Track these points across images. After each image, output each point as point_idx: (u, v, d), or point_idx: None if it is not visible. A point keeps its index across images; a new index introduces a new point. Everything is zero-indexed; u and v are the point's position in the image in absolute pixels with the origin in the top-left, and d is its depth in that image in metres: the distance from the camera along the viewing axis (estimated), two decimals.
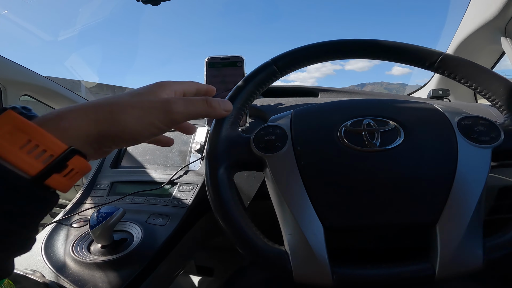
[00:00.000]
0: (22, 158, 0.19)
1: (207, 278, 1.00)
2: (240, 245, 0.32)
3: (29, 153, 0.19)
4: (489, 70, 0.35)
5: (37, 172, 0.20)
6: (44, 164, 0.20)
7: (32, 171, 0.20)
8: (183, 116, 0.27)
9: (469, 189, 0.30)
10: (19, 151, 0.19)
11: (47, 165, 0.20)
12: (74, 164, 0.21)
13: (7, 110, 0.20)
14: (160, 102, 0.26)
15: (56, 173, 0.21)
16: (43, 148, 0.20)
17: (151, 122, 0.25)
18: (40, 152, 0.20)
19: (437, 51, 0.36)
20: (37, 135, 0.20)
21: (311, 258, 0.30)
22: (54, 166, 0.20)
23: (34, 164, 0.20)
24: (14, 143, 0.19)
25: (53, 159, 0.20)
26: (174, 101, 0.26)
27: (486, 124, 0.33)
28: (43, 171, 0.20)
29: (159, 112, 0.25)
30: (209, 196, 0.34)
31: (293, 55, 0.38)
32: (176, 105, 0.26)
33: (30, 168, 0.19)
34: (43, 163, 0.20)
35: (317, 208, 0.31)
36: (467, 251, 0.29)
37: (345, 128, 0.34)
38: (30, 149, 0.20)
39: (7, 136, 0.19)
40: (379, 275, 0.30)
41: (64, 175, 0.21)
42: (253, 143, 0.35)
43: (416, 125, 0.34)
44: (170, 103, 0.26)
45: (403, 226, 0.32)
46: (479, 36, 0.80)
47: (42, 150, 0.20)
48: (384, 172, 0.32)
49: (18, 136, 0.19)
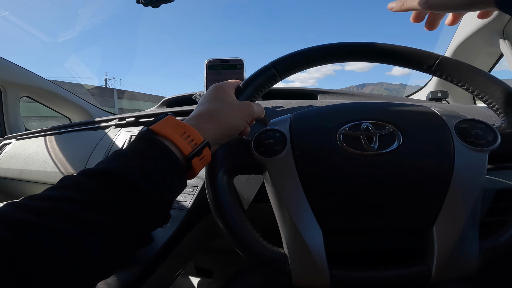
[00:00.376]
0: (181, 142, 0.28)
1: (206, 279, 1.00)
2: (239, 248, 0.33)
3: (185, 140, 0.29)
4: (486, 73, 0.35)
5: (189, 153, 0.29)
6: (192, 148, 0.29)
7: (186, 152, 0.29)
8: (257, 114, 0.37)
9: (465, 192, 0.30)
10: (179, 137, 0.29)
11: (194, 149, 0.29)
12: (206, 153, 0.31)
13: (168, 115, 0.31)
14: (245, 104, 0.36)
15: (197, 157, 0.29)
16: (192, 138, 0.29)
17: (244, 119, 0.35)
18: (190, 140, 0.29)
19: (435, 54, 0.36)
20: (189, 129, 0.29)
21: (310, 261, 0.31)
22: (197, 151, 0.29)
23: (187, 147, 0.29)
24: (176, 132, 0.29)
25: (196, 146, 0.29)
26: (251, 104, 0.37)
27: (483, 128, 0.33)
28: (192, 152, 0.29)
29: (246, 111, 0.35)
30: (209, 199, 0.34)
31: (292, 59, 0.38)
32: (253, 106, 0.37)
33: (185, 149, 0.28)
34: (191, 147, 0.29)
35: (315, 211, 0.32)
36: (463, 253, 0.30)
37: (344, 132, 0.34)
38: (185, 137, 0.29)
39: (172, 128, 0.29)
40: (376, 277, 0.30)
41: (200, 159, 0.30)
42: (253, 147, 0.35)
43: (414, 129, 0.34)
44: (250, 104, 0.36)
45: (401, 229, 0.32)
46: (477, 38, 0.80)
47: (191, 139, 0.29)
48: (382, 175, 0.32)
49: (178, 129, 0.29)
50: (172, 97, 1.01)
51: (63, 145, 0.86)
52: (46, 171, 0.81)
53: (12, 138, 1.07)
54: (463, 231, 0.30)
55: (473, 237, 0.30)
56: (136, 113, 0.80)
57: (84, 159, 0.75)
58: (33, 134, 1.00)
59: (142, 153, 0.27)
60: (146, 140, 0.28)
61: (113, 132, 0.76)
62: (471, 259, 0.29)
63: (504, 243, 0.30)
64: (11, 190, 0.97)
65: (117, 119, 0.81)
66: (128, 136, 0.70)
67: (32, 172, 0.86)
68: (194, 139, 0.29)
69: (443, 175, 0.31)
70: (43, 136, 0.93)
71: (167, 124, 0.29)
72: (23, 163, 0.90)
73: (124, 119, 0.77)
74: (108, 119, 0.84)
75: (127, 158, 0.26)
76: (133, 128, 0.74)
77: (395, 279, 0.30)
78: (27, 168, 0.87)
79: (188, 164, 0.29)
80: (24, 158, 0.91)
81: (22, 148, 0.96)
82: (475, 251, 0.30)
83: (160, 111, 0.75)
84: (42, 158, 0.85)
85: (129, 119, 0.76)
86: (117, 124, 0.79)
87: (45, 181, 0.83)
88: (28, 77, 1.33)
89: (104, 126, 0.82)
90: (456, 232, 0.30)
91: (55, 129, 0.95)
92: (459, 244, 0.29)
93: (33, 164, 0.87)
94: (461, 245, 0.30)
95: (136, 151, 0.27)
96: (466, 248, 0.30)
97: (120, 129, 0.76)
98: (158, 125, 0.29)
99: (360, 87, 5.42)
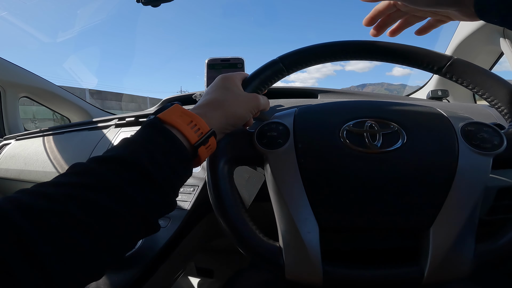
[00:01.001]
0: (188, 131, 0.29)
1: (207, 279, 1.00)
2: (235, 238, 0.33)
3: (192, 128, 0.29)
4: (497, 77, 0.35)
5: (196, 141, 0.29)
6: (198, 137, 0.29)
7: (192, 140, 0.29)
8: (263, 106, 0.38)
9: (466, 195, 0.30)
10: (186, 126, 0.29)
11: (200, 138, 0.29)
12: (211, 142, 0.31)
13: (175, 104, 0.31)
14: (252, 95, 0.36)
15: (203, 145, 0.30)
16: (198, 127, 0.30)
17: (250, 110, 0.35)
18: (197, 129, 0.29)
19: (447, 55, 0.36)
20: (195, 118, 0.30)
21: (304, 256, 0.31)
22: (203, 140, 0.30)
23: (194, 136, 0.29)
24: (183, 121, 0.29)
25: (203, 135, 0.30)
26: (258, 96, 0.37)
27: (490, 131, 0.32)
28: (198, 141, 0.29)
29: (252, 102, 0.36)
30: (208, 187, 0.34)
31: (301, 54, 0.38)
32: (260, 98, 0.37)
33: (192, 138, 0.29)
34: (197, 136, 0.29)
35: (314, 206, 0.32)
36: (458, 257, 0.29)
37: (347, 129, 0.34)
38: (192, 126, 0.29)
39: (179, 117, 0.29)
40: (368, 276, 0.30)
41: (206, 147, 0.30)
42: (255, 138, 0.35)
43: (419, 129, 0.33)
44: (257, 96, 0.37)
45: (397, 229, 0.32)
46: (477, 36, 0.80)
47: (197, 128, 0.30)
48: (383, 174, 0.32)
49: (185, 118, 0.30)
50: (172, 97, 1.01)
51: (62, 145, 0.86)
52: (46, 171, 0.81)
53: (11, 138, 1.07)
54: (459, 234, 0.29)
55: (470, 241, 0.30)
56: (136, 112, 0.79)
57: (84, 159, 0.74)
58: (32, 135, 0.99)
59: (151, 140, 0.27)
60: (154, 128, 0.28)
61: (113, 132, 0.76)
62: (465, 263, 0.29)
63: (500, 247, 0.30)
64: (10, 190, 0.97)
65: (117, 119, 0.80)
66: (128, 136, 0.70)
67: (31, 173, 0.86)
68: (200, 128, 0.30)
69: (445, 177, 0.31)
70: (42, 137, 0.93)
71: (174, 112, 0.30)
72: (23, 163, 0.89)
73: (124, 119, 0.77)
74: (108, 119, 0.84)
75: (137, 145, 0.26)
76: (133, 128, 0.74)
77: (387, 279, 0.30)
78: (27, 169, 0.87)
79: (194, 152, 0.29)
80: (23, 158, 0.91)
81: (21, 148, 0.95)
82: (470, 255, 0.29)
83: None
84: (42, 158, 0.85)
85: (129, 119, 0.75)
86: (117, 124, 0.78)
87: (44, 181, 0.82)
88: (27, 77, 1.33)
89: (104, 126, 0.82)
90: (452, 235, 0.29)
91: (54, 129, 0.94)
92: (454, 247, 0.29)
93: (32, 164, 0.86)
94: (457, 248, 0.29)
95: (145, 138, 0.27)
96: (461, 251, 0.29)
97: (120, 129, 0.76)
98: (165, 113, 0.29)
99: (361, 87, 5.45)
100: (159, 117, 0.29)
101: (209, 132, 0.30)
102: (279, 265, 0.31)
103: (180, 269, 0.63)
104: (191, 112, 0.30)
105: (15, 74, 1.29)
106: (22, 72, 1.31)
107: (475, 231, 0.30)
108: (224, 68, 0.51)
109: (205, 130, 0.30)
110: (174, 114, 0.29)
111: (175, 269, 0.58)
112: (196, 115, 0.30)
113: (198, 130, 0.29)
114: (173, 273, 0.59)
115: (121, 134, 0.73)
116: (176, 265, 0.56)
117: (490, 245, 0.30)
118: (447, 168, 0.31)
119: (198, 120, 0.30)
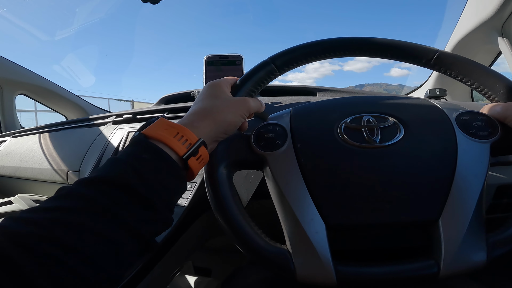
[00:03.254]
0: (175, 143, 0.28)
1: (205, 278, 0.99)
2: (240, 244, 0.32)
3: (178, 141, 0.28)
4: (485, 67, 0.35)
5: (184, 153, 0.28)
6: (186, 149, 0.28)
7: (181, 152, 0.28)
8: (254, 109, 0.36)
9: (470, 184, 0.30)
10: (173, 139, 0.28)
11: (188, 149, 0.29)
12: (202, 152, 0.30)
13: (159, 117, 0.30)
14: (241, 99, 0.35)
15: (193, 157, 0.29)
16: (186, 138, 0.29)
17: (241, 114, 0.34)
18: (184, 140, 0.29)
19: (434, 49, 0.36)
20: (182, 130, 0.29)
21: (314, 257, 0.30)
22: (192, 151, 0.29)
23: (182, 148, 0.28)
24: (169, 134, 0.28)
25: (191, 146, 0.29)
26: (247, 99, 0.35)
27: (484, 119, 0.33)
28: (187, 152, 0.28)
29: (242, 106, 0.34)
30: (209, 194, 0.34)
31: (291, 54, 0.38)
32: (250, 101, 0.35)
33: (180, 150, 0.28)
34: (186, 148, 0.28)
35: (318, 205, 0.31)
36: (471, 247, 0.29)
37: (345, 125, 0.34)
38: (179, 138, 0.28)
39: (164, 130, 0.28)
40: (383, 273, 0.29)
41: (196, 159, 0.29)
42: (253, 141, 0.35)
43: (416, 121, 0.34)
44: (246, 100, 0.35)
45: (405, 223, 0.31)
46: (475, 36, 0.80)
47: (185, 139, 0.29)
48: (385, 168, 0.31)
49: (171, 131, 0.29)
50: (170, 95, 1.00)
51: (58, 142, 0.85)
52: (42, 168, 0.80)
53: (8, 135, 1.06)
54: (469, 224, 0.29)
55: (480, 230, 0.29)
56: (133, 109, 0.79)
57: (80, 156, 0.74)
58: (28, 132, 0.98)
59: (137, 158, 0.26)
60: (140, 145, 0.27)
61: (110, 129, 0.76)
62: (478, 253, 0.29)
63: (510, 236, 0.30)
64: (6, 187, 0.96)
65: (114, 115, 0.80)
66: (126, 133, 0.69)
67: (27, 170, 0.85)
68: (188, 139, 0.29)
69: (447, 166, 0.31)
70: (38, 134, 0.92)
71: (159, 126, 0.29)
72: (19, 160, 0.89)
73: (121, 115, 0.77)
74: (104, 116, 0.84)
75: (123, 164, 0.26)
76: (130, 124, 0.73)
77: (403, 274, 0.29)
78: (23, 166, 0.86)
79: (185, 165, 0.29)
80: (19, 155, 0.90)
81: (17, 145, 0.95)
82: (482, 244, 0.29)
83: (158, 107, 0.75)
84: (38, 155, 0.84)
85: (126, 115, 0.75)
86: (114, 121, 0.78)
87: (40, 178, 0.82)
88: (24, 74, 1.32)
89: (101, 123, 0.81)
90: (462, 225, 0.29)
91: (50, 127, 0.94)
92: (465, 237, 0.29)
93: (28, 161, 0.85)
94: (468, 238, 0.29)
95: (131, 156, 0.27)
96: (473, 241, 0.29)
97: (117, 125, 0.75)
98: (150, 128, 0.29)
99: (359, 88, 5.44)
100: (143, 133, 0.28)
101: (198, 142, 0.29)
102: (290, 269, 0.30)
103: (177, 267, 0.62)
104: (176, 124, 0.29)
105: (12, 71, 1.28)
106: (19, 70, 1.30)
107: (484, 221, 0.30)
108: (223, 65, 0.51)
109: (193, 141, 0.29)
110: (159, 128, 0.29)
111: (171, 267, 0.57)
112: (183, 126, 0.29)
113: (186, 141, 0.29)
114: (169, 271, 0.58)
115: (119, 131, 0.72)
116: (172, 263, 0.55)
117: (501, 234, 0.30)
118: (447, 158, 0.31)
119: (185, 131, 0.29)
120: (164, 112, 0.70)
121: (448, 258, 0.29)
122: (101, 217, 0.22)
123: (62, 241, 0.20)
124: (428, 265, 0.29)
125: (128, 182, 0.24)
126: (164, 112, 0.70)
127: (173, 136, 0.28)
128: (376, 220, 0.31)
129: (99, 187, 0.24)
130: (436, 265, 0.29)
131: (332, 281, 0.29)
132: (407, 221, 0.31)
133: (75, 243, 0.21)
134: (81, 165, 0.73)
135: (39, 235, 0.20)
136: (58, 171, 0.77)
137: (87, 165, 0.71)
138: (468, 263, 0.29)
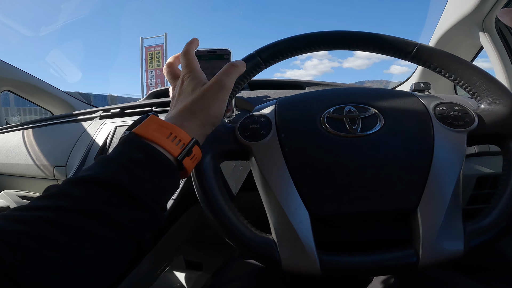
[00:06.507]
0: (169, 144, 0.27)
1: (195, 273, 1.00)
2: (226, 234, 0.32)
3: (172, 141, 0.28)
4: (462, 60, 0.36)
5: (178, 154, 0.28)
6: (180, 149, 0.28)
7: (175, 153, 0.28)
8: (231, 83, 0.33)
9: (446, 172, 0.31)
10: (166, 140, 0.27)
11: (182, 150, 0.28)
12: (196, 151, 0.30)
13: (151, 115, 0.29)
14: (215, 84, 0.32)
15: (187, 156, 0.28)
16: (179, 138, 0.28)
17: (223, 100, 0.32)
18: (177, 141, 0.28)
19: (413, 42, 0.37)
20: (175, 130, 0.28)
21: (298, 246, 0.31)
22: (187, 151, 0.28)
23: (176, 149, 0.28)
24: (162, 134, 0.27)
25: (185, 146, 0.28)
26: (220, 79, 0.33)
27: (461, 110, 0.34)
28: (181, 153, 0.28)
29: (220, 91, 0.32)
30: (195, 185, 0.34)
31: (277, 47, 0.38)
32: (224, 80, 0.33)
33: (174, 151, 0.28)
34: (179, 148, 0.28)
35: (302, 194, 0.32)
36: (448, 235, 0.30)
37: (328, 115, 0.35)
38: (172, 139, 0.28)
39: (157, 130, 0.28)
40: (364, 262, 0.30)
41: (190, 158, 0.29)
42: (238, 132, 0.35)
43: (395, 111, 0.35)
44: (220, 81, 0.32)
45: (385, 212, 0.32)
46: (458, 30, 0.82)
47: (178, 140, 0.28)
48: (364, 157, 0.32)
49: (163, 131, 0.28)
50: (159, 89, 1.00)
51: (45, 138, 0.84)
52: (28, 164, 0.79)
53: None
54: (446, 212, 0.30)
55: (457, 219, 0.30)
56: (121, 104, 0.78)
57: (67, 152, 0.73)
58: (14, 128, 0.96)
59: (130, 158, 0.26)
60: (132, 144, 0.27)
61: (97, 124, 0.75)
62: (455, 242, 0.30)
63: (487, 226, 0.30)
64: None
65: (101, 110, 0.79)
66: (113, 127, 0.68)
67: (13, 166, 0.83)
68: (181, 140, 0.28)
69: (423, 155, 0.32)
70: (24, 130, 0.90)
71: (151, 126, 0.28)
72: (4, 156, 0.87)
73: (108, 110, 0.76)
74: (91, 111, 0.82)
75: (115, 164, 0.25)
76: (118, 119, 0.73)
77: (384, 263, 0.30)
78: (8, 162, 0.85)
79: (179, 165, 0.28)
80: (5, 151, 0.88)
81: (3, 141, 0.93)
82: (460, 233, 0.30)
83: (147, 102, 0.74)
84: (24, 151, 0.83)
85: (114, 110, 0.74)
86: (101, 116, 0.77)
87: (26, 174, 0.80)
88: (9, 71, 1.28)
89: (88, 118, 0.80)
90: (439, 213, 0.30)
91: (36, 122, 0.92)
92: (443, 225, 0.30)
93: (14, 157, 0.84)
94: (445, 227, 0.30)
95: (123, 155, 0.26)
96: (450, 230, 0.30)
97: (104, 120, 0.75)
98: (141, 127, 0.28)
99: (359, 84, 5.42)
100: (135, 132, 0.27)
101: (191, 142, 0.29)
102: (275, 259, 0.31)
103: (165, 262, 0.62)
104: (169, 124, 0.28)
105: None
106: (3, 66, 1.27)
107: (461, 211, 0.31)
108: (211, 59, 0.51)
109: (187, 141, 0.29)
110: (151, 127, 0.28)
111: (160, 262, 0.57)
112: (176, 126, 0.28)
113: (179, 142, 0.28)
114: (158, 266, 0.58)
115: (106, 126, 0.72)
116: (160, 257, 0.55)
117: (477, 223, 0.31)
118: (424, 147, 0.32)
119: (178, 131, 0.28)
120: (152, 107, 0.69)
121: (427, 247, 0.29)
122: (92, 217, 0.22)
123: (51, 240, 0.20)
124: (408, 254, 0.30)
125: (121, 182, 0.24)
126: (152, 107, 0.69)
127: (166, 137, 0.27)
128: (357, 208, 0.32)
129: (90, 187, 0.23)
130: (416, 255, 0.30)
131: (317, 270, 0.30)
132: (387, 209, 0.32)
133: (65, 242, 0.20)
134: (68, 160, 0.72)
135: (27, 233, 0.19)
136: (44, 166, 0.76)
137: (74, 160, 0.70)
138: (446, 252, 0.29)
